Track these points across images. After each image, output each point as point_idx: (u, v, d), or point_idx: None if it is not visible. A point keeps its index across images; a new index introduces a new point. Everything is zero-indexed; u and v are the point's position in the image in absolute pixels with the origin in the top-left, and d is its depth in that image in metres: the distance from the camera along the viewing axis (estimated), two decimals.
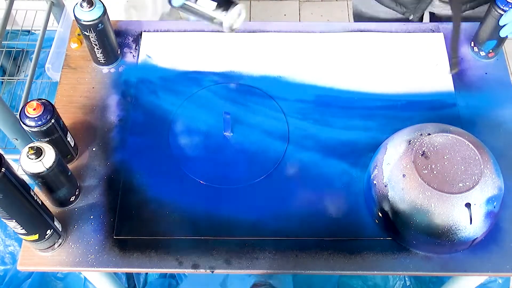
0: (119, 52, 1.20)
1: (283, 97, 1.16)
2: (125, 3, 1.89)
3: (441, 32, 1.25)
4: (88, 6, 1.06)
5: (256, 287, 1.42)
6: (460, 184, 0.89)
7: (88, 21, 1.07)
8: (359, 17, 1.43)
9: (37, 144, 0.90)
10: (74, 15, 1.07)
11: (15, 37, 2.01)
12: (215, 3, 0.94)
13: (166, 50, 1.23)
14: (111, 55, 1.17)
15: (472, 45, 1.21)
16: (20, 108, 1.02)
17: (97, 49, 1.13)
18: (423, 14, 1.31)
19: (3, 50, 1.86)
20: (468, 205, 0.88)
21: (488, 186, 0.90)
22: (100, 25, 1.08)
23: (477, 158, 0.92)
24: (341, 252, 0.98)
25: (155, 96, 1.16)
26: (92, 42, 1.11)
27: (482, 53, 1.19)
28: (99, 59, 1.17)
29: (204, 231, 1.00)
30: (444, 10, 1.25)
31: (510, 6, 1.07)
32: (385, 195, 0.94)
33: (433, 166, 0.91)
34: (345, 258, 0.97)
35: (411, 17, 1.24)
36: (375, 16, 1.36)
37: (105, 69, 1.19)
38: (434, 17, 1.38)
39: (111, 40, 1.14)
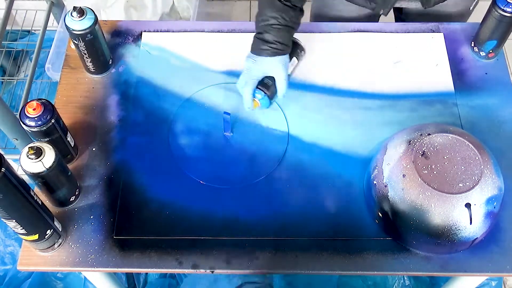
0: (110, 62, 1.18)
1: (283, 97, 1.16)
2: (125, 3, 1.89)
3: (441, 32, 1.25)
4: (79, 15, 1.05)
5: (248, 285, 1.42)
6: (460, 184, 0.89)
7: (77, 31, 1.06)
8: (319, 18, 1.38)
9: (37, 144, 0.90)
10: (65, 23, 1.06)
11: (15, 37, 2.01)
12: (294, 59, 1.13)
13: (166, 50, 1.23)
14: (100, 65, 1.16)
15: (472, 45, 1.21)
16: (20, 108, 1.02)
17: (86, 58, 1.13)
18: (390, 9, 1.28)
19: (3, 50, 1.86)
20: (468, 205, 0.88)
21: (488, 186, 0.90)
22: (89, 35, 1.07)
23: (477, 158, 0.92)
24: (341, 252, 0.98)
25: (155, 96, 1.16)
26: (82, 51, 1.11)
27: (482, 53, 1.19)
28: (88, 67, 1.16)
29: (204, 231, 1.00)
30: (410, 4, 1.24)
31: (510, 6, 1.07)
32: (385, 195, 0.94)
33: (433, 166, 0.91)
34: (345, 258, 0.97)
35: (381, 12, 1.22)
36: (337, 15, 1.33)
37: (96, 78, 1.18)
38: (399, 12, 1.36)
39: (101, 51, 1.13)
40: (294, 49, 1.11)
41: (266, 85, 1.08)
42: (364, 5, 1.23)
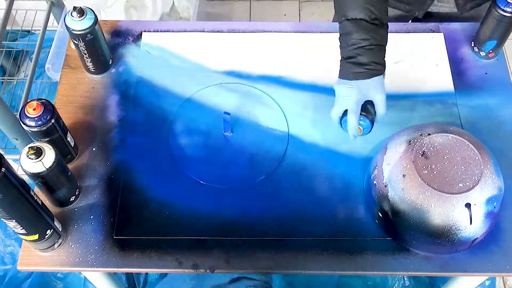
0: (110, 62, 1.18)
1: (283, 97, 1.16)
2: (125, 3, 1.89)
3: (441, 32, 1.25)
4: (79, 15, 1.05)
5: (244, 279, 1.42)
6: (460, 184, 0.89)
7: (77, 31, 1.06)
8: None
9: (37, 144, 0.90)
10: (65, 23, 1.06)
11: (15, 37, 2.01)
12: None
13: (166, 50, 1.23)
14: (100, 65, 1.16)
15: (472, 45, 1.21)
16: (20, 108, 1.02)
17: (86, 58, 1.13)
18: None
19: (3, 50, 1.86)
20: (468, 205, 0.88)
21: (488, 186, 0.90)
22: (89, 35, 1.07)
23: (477, 158, 0.92)
24: (341, 252, 0.98)
25: (155, 96, 1.16)
26: (82, 51, 1.11)
27: (482, 53, 1.19)
28: (88, 67, 1.16)
29: (204, 231, 1.00)
30: (442, 7, 1.24)
31: (510, 6, 1.07)
32: (385, 195, 0.94)
33: (433, 166, 0.91)
34: (345, 258, 0.97)
35: (416, 14, 1.22)
36: None
37: (96, 78, 1.18)
38: (428, 16, 1.37)
39: (101, 51, 1.13)
40: None
41: (368, 111, 1.01)
42: (398, 7, 1.22)
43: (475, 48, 1.20)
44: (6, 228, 1.64)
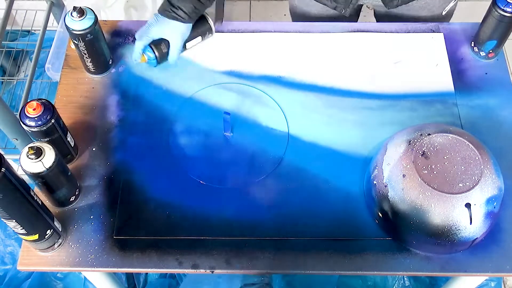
0: (111, 62, 1.18)
1: (283, 97, 1.16)
2: (125, 3, 1.90)
3: (441, 32, 1.25)
4: (79, 15, 1.05)
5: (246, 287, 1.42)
6: (460, 184, 0.89)
7: (77, 31, 1.06)
8: (294, 13, 1.41)
9: (37, 144, 0.90)
10: (65, 23, 1.07)
11: (15, 37, 2.01)
12: (199, 38, 1.18)
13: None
14: (100, 65, 1.16)
15: (472, 45, 1.21)
16: (20, 108, 1.02)
17: (86, 58, 1.13)
18: (358, 10, 1.31)
19: (3, 50, 1.86)
20: (468, 205, 0.88)
21: (488, 186, 0.90)
22: (89, 35, 1.07)
23: (477, 158, 0.92)
24: (341, 252, 0.98)
25: (155, 96, 1.16)
26: (82, 51, 1.11)
27: (482, 53, 1.19)
28: (88, 67, 1.16)
29: (204, 231, 1.00)
30: (375, 1, 1.25)
31: (510, 6, 1.07)
32: (385, 195, 0.94)
33: (433, 166, 0.91)
34: (345, 258, 0.97)
35: (343, 12, 1.23)
36: (306, 11, 1.35)
37: (96, 78, 1.18)
38: (375, 13, 1.37)
39: (101, 51, 1.13)
40: (201, 27, 1.17)
41: (158, 46, 1.13)
42: (326, 4, 1.24)
43: (475, 48, 1.20)
44: (6, 228, 1.64)
